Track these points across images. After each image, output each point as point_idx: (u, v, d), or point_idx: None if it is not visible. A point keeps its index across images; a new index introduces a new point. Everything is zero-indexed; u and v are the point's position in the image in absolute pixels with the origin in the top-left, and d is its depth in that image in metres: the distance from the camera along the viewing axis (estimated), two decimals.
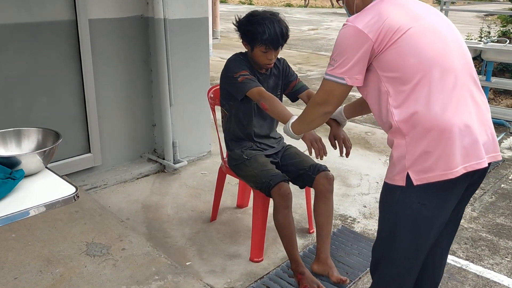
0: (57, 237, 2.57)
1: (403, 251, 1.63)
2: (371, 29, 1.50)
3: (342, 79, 1.57)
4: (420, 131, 1.48)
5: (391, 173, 1.59)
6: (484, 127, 1.53)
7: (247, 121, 2.51)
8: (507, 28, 7.08)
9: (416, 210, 1.55)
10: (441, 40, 1.53)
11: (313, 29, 16.18)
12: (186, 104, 3.72)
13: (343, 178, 3.69)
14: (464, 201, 1.70)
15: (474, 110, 1.52)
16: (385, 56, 1.51)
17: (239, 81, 2.34)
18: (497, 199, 3.44)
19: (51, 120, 3.16)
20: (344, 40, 1.56)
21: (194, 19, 3.56)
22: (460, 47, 1.58)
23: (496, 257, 2.71)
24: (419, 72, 1.47)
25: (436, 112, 1.46)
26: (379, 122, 1.66)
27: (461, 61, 1.55)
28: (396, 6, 1.56)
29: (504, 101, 5.95)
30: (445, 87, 1.48)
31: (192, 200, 3.26)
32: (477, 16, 19.65)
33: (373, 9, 1.56)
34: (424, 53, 1.48)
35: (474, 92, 1.55)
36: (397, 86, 1.50)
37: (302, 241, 2.78)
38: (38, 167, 1.41)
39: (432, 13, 1.61)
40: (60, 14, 3.03)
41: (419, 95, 1.47)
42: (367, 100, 1.67)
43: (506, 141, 4.73)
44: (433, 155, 1.47)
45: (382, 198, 1.67)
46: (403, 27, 1.49)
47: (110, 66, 3.36)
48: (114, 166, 3.59)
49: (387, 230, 1.67)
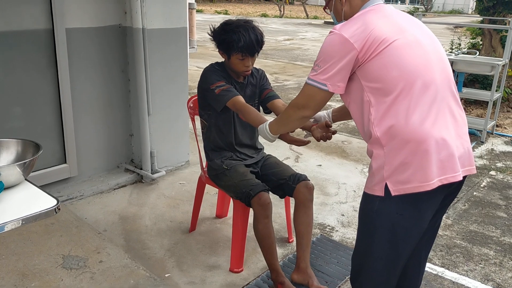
0: (33, 250, 2.51)
1: (381, 260, 1.65)
2: (357, 38, 1.52)
3: (324, 85, 1.58)
4: (398, 143, 1.51)
5: (370, 183, 1.61)
6: (460, 141, 1.58)
7: (227, 129, 2.52)
8: (476, 40, 7.31)
9: (394, 220, 1.58)
10: (424, 54, 1.57)
11: (288, 39, 16.34)
12: (164, 114, 3.70)
13: (321, 187, 3.72)
14: (441, 212, 1.74)
15: (452, 123, 1.57)
16: (369, 66, 1.53)
17: (216, 93, 2.34)
18: (470, 206, 3.53)
19: (26, 130, 3.09)
20: (329, 47, 1.58)
21: (173, 29, 3.56)
22: (442, 60, 1.63)
23: (470, 263, 2.78)
24: (401, 84, 1.51)
25: (415, 124, 1.49)
26: (360, 131, 1.68)
27: (442, 75, 1.59)
28: (383, 17, 1.59)
29: (474, 110, 6.12)
30: (425, 100, 1.52)
31: (171, 211, 3.24)
32: (447, 28, 20.24)
33: (360, 19, 1.58)
34: (407, 65, 1.52)
35: (453, 106, 1.60)
36: (379, 96, 1.53)
37: (281, 250, 2.79)
38: (17, 179, 1.38)
39: (416, 26, 1.65)
40: (37, 23, 2.98)
41: (399, 107, 1.51)
42: (349, 109, 1.69)
43: (477, 150, 4.87)
44: (411, 166, 1.50)
45: (361, 208, 1.70)
46: (388, 39, 1.52)
47: (87, 75, 3.32)
48: (91, 176, 3.54)
49: (366, 240, 1.69)
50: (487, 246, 2.97)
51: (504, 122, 5.85)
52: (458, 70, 5.32)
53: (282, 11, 29.84)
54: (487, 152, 4.82)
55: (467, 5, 38.93)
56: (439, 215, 1.75)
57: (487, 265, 2.76)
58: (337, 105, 4.31)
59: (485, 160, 4.58)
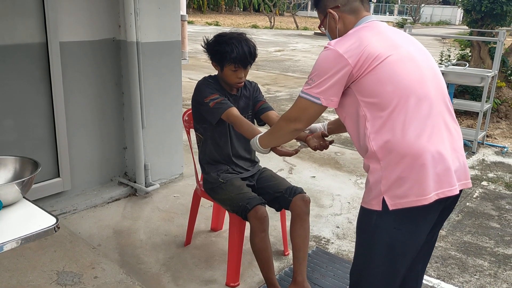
0: (26, 266, 2.48)
1: (380, 275, 1.66)
2: (351, 54, 1.54)
3: (318, 99, 1.60)
4: (394, 157, 1.53)
5: (368, 197, 1.62)
6: (456, 154, 1.60)
7: (224, 141, 2.52)
8: (465, 51, 7.41)
9: (392, 235, 1.58)
10: (418, 69, 1.59)
11: (279, 51, 16.44)
12: (158, 126, 3.69)
13: (315, 199, 3.73)
14: (438, 226, 1.75)
15: (447, 137, 1.58)
16: (363, 81, 1.55)
17: (210, 106, 2.35)
18: (463, 217, 3.56)
19: (19, 143, 3.07)
20: (324, 62, 1.60)
21: (166, 42, 3.57)
22: (435, 75, 1.65)
23: (465, 275, 2.79)
24: (396, 99, 1.52)
25: (411, 139, 1.51)
26: (356, 146, 1.69)
27: (436, 89, 1.61)
28: (377, 34, 1.62)
29: (465, 121, 6.19)
30: (420, 114, 1.53)
31: (165, 224, 3.22)
32: (435, 39, 20.50)
33: (354, 35, 1.61)
34: (402, 81, 1.54)
35: (448, 119, 1.62)
36: (375, 111, 1.55)
37: (277, 263, 2.78)
38: (16, 198, 1.36)
39: (409, 41, 1.68)
40: (31, 37, 2.98)
41: (395, 122, 1.52)
42: (345, 123, 1.70)
43: (469, 161, 4.91)
44: (407, 181, 1.52)
45: (359, 223, 1.70)
46: (382, 55, 1.54)
47: (81, 88, 3.31)
48: (84, 190, 3.51)
49: (364, 255, 1.69)
50: (481, 257, 2.99)
51: (494, 132, 5.92)
52: (448, 81, 5.38)
53: (273, 22, 30.06)
54: (479, 162, 4.87)
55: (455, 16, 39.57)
56: (436, 230, 1.76)
57: (482, 276, 2.78)
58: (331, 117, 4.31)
59: (476, 170, 4.62)
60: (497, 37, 5.23)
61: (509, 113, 6.29)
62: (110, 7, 3.33)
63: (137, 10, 3.27)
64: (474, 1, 6.40)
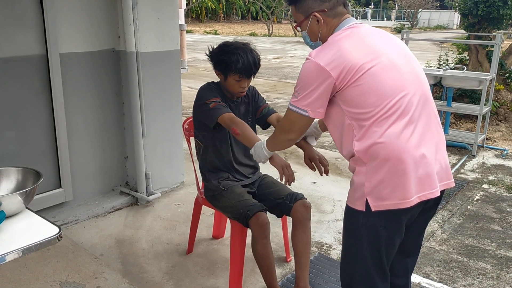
0: (29, 277, 2.48)
1: (370, 269, 1.70)
2: (333, 66, 1.56)
3: (305, 111, 1.64)
4: (379, 161, 1.57)
5: (352, 197, 1.67)
6: (438, 156, 1.64)
7: (225, 148, 2.53)
8: (463, 55, 7.44)
9: (379, 233, 1.64)
10: (400, 76, 1.61)
11: (278, 58, 16.51)
12: (159, 135, 3.71)
13: (316, 205, 3.73)
14: (423, 227, 1.81)
15: (430, 140, 1.62)
16: (347, 92, 1.58)
17: (210, 107, 2.36)
18: (464, 220, 3.56)
19: (19, 155, 3.08)
20: (306, 74, 1.62)
21: (166, 52, 3.60)
22: (419, 79, 1.67)
23: (468, 278, 2.79)
24: (380, 108, 1.55)
25: (393, 143, 1.55)
26: (340, 151, 1.74)
27: (419, 93, 1.64)
28: (357, 42, 1.62)
29: (464, 125, 6.21)
30: (403, 120, 1.57)
31: (167, 233, 3.22)
32: (433, 43, 20.57)
33: (335, 45, 1.61)
34: (384, 90, 1.56)
35: (431, 122, 1.66)
36: (359, 120, 1.59)
37: (280, 270, 2.79)
38: (18, 208, 1.38)
39: (392, 45, 1.68)
40: (31, 49, 3.00)
41: (379, 128, 1.56)
42: (329, 129, 1.74)
43: (469, 164, 4.92)
44: (389, 185, 1.57)
45: (346, 222, 1.75)
46: (364, 66, 1.56)
47: (81, 99, 3.33)
48: (86, 200, 3.52)
49: (353, 253, 1.74)
50: (483, 260, 2.99)
51: (493, 135, 5.93)
52: (447, 85, 5.41)
53: (271, 30, 30.20)
54: (479, 165, 4.88)
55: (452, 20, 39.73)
56: (421, 230, 1.82)
57: (485, 279, 2.78)
58: None
59: (477, 173, 4.63)
60: (494, 41, 5.26)
61: (508, 116, 6.31)
62: (109, 18, 3.36)
63: (136, 21, 3.30)
64: (471, 5, 6.44)
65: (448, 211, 3.70)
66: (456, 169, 4.75)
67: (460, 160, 5.03)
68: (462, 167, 4.82)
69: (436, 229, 3.38)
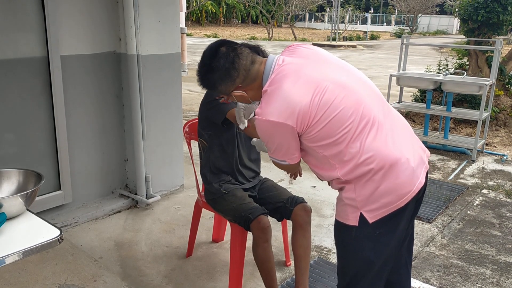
0: (28, 280, 2.48)
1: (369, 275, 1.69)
2: (286, 117, 1.53)
3: (284, 161, 1.69)
4: (364, 176, 1.57)
5: (343, 212, 1.66)
6: (413, 149, 1.65)
7: (231, 149, 2.52)
8: (462, 60, 7.45)
9: (375, 239, 1.64)
10: (352, 93, 1.59)
11: None
12: (159, 138, 3.71)
13: (316, 209, 3.73)
14: (413, 217, 1.80)
15: (403, 138, 1.64)
16: (310, 131, 1.57)
17: (220, 102, 2.35)
18: (464, 225, 3.55)
19: (19, 157, 3.08)
20: (265, 132, 1.61)
21: (167, 55, 3.60)
22: (365, 83, 1.69)
23: (468, 283, 2.78)
24: (347, 131, 1.56)
25: (374, 156, 1.55)
26: (316, 175, 1.74)
27: (373, 96, 1.66)
28: (297, 81, 1.56)
29: (464, 130, 6.21)
30: (373, 132, 1.57)
31: (167, 236, 3.22)
32: (433, 48, 20.62)
33: (277, 94, 1.56)
34: (345, 115, 1.55)
35: (396, 122, 1.67)
36: (331, 149, 1.58)
37: (279, 274, 2.78)
38: (19, 210, 1.37)
39: (331, 66, 1.65)
40: (32, 51, 3.00)
41: (353, 149, 1.56)
42: (307, 163, 1.74)
43: (469, 169, 4.92)
44: (383, 193, 1.57)
45: (338, 237, 1.75)
46: (314, 100, 1.53)
47: (81, 101, 3.33)
48: (85, 203, 3.51)
49: (350, 264, 1.73)
50: (483, 265, 2.98)
51: (493, 140, 5.93)
52: (446, 90, 5.42)
53: (271, 34, 30.24)
54: (479, 170, 4.88)
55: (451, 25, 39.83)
56: (412, 220, 1.81)
57: (485, 285, 2.77)
58: None
59: (477, 178, 4.63)
60: (494, 46, 5.27)
61: (508, 121, 6.31)
62: (110, 21, 3.37)
63: (137, 24, 3.30)
64: (471, 10, 6.46)
65: (448, 216, 3.70)
66: (455, 174, 4.75)
67: (460, 165, 5.04)
68: (461, 172, 4.82)
69: (435, 234, 3.38)
